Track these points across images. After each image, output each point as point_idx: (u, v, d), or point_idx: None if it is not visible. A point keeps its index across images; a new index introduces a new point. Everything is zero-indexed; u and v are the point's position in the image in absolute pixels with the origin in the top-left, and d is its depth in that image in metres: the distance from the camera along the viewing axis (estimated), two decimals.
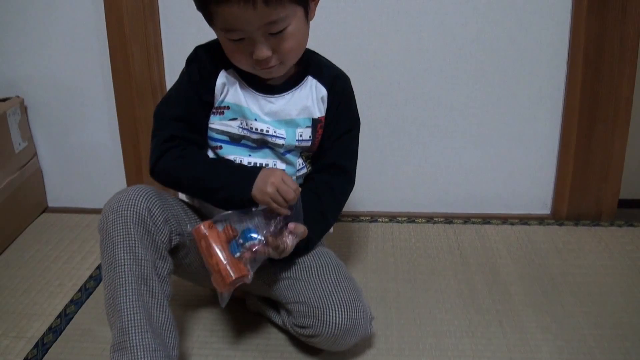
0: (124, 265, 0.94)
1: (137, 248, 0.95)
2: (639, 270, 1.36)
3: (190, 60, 1.07)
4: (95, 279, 1.35)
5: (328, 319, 1.01)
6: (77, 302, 1.27)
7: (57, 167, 1.71)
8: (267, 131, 1.05)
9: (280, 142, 1.06)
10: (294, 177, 1.10)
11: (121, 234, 0.95)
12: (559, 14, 1.46)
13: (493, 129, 1.57)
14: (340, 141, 1.12)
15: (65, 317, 1.23)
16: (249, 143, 1.07)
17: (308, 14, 1.00)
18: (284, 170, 1.05)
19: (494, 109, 1.55)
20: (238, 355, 1.11)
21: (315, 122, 1.09)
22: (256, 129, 1.05)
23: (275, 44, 0.96)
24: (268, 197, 0.96)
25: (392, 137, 1.59)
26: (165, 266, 0.99)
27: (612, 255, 1.43)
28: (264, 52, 0.95)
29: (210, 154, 1.10)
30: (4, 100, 1.58)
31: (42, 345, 1.14)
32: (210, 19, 0.97)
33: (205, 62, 1.05)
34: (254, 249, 0.96)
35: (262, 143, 1.07)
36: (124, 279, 0.93)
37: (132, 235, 0.95)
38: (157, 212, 0.98)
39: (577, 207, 1.59)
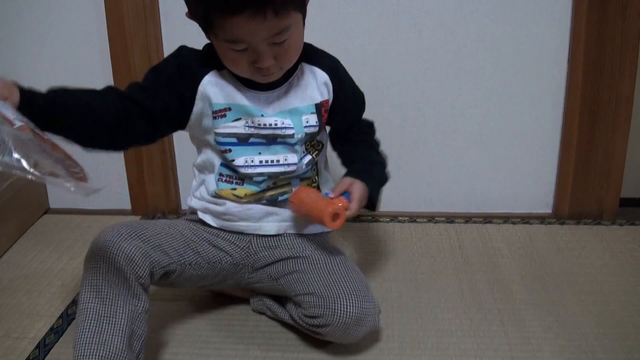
0: (87, 303, 0.94)
1: (102, 287, 0.95)
2: None
3: (173, 55, 1.06)
4: None
5: (339, 308, 1.02)
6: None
7: None
8: (276, 124, 1.06)
9: (290, 132, 1.07)
10: (302, 166, 1.11)
11: (90, 272, 0.96)
12: (559, 12, 1.46)
13: (494, 128, 1.57)
14: (362, 112, 1.21)
15: (67, 317, 1.23)
16: (258, 140, 1.07)
17: (305, 18, 1.00)
18: None
19: (495, 108, 1.55)
20: (239, 355, 1.11)
21: (318, 107, 1.09)
22: (265, 125, 1.06)
23: (278, 53, 0.96)
24: None
25: (393, 137, 1.59)
26: (139, 304, 0.98)
27: (613, 254, 1.42)
28: (267, 61, 0.95)
29: (218, 160, 1.10)
30: None
31: (44, 346, 1.14)
32: (211, 30, 0.95)
33: (189, 60, 1.05)
34: None
35: (272, 138, 1.07)
36: (82, 316, 0.94)
37: (100, 274, 0.96)
38: (133, 249, 0.99)
39: (578, 206, 1.59)
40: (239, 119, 1.05)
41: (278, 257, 1.13)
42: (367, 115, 1.20)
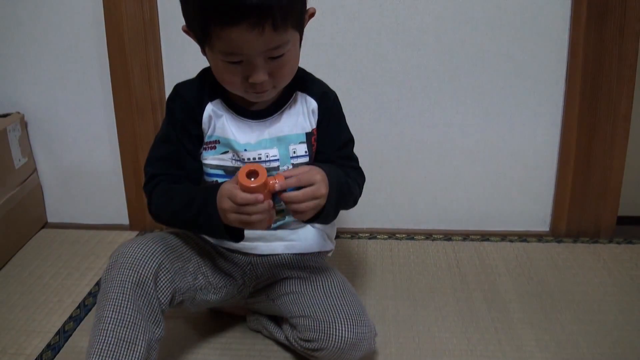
0: (108, 323, 0.92)
1: (126, 309, 0.93)
2: (638, 288, 1.36)
3: (172, 98, 1.07)
4: (94, 295, 1.35)
5: (334, 333, 1.01)
6: (75, 319, 1.27)
7: (57, 183, 1.71)
8: (260, 158, 1.05)
9: (275, 164, 1.06)
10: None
11: (115, 291, 0.94)
12: (557, 31, 1.47)
13: (492, 145, 1.58)
14: (344, 151, 1.12)
15: (64, 334, 1.22)
16: None
17: (301, 40, 1.00)
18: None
19: (493, 126, 1.56)
20: None
21: (308, 136, 1.08)
22: (248, 159, 1.05)
23: (273, 69, 0.95)
24: (229, 213, 0.92)
25: (391, 153, 1.59)
26: (157, 331, 0.97)
27: (610, 272, 1.42)
28: (261, 76, 0.94)
29: None
30: (5, 116, 1.58)
31: None
32: (207, 41, 0.93)
33: (188, 98, 1.05)
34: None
35: None
36: (101, 337, 0.91)
37: (127, 295, 0.94)
38: (162, 273, 0.99)
39: (575, 224, 1.59)
40: (227, 151, 1.06)
41: (276, 278, 1.13)
42: (365, 132, 1.17)
